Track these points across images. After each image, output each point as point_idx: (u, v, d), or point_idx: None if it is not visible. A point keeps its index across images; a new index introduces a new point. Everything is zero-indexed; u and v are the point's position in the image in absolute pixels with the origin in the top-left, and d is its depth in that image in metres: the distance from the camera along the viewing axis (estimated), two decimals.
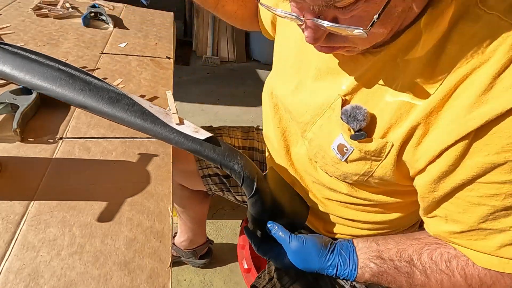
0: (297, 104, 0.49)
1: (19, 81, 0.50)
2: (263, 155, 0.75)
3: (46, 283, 0.31)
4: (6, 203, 0.37)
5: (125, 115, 0.49)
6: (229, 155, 0.46)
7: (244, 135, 0.77)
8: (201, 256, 1.12)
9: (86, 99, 0.49)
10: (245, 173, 0.45)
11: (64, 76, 0.51)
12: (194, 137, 0.47)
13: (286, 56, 0.53)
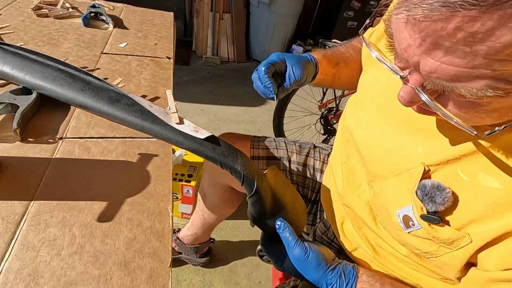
0: (372, 152, 0.45)
1: (19, 81, 0.50)
2: (317, 173, 0.73)
3: (46, 283, 0.31)
4: (6, 203, 0.37)
5: (125, 115, 0.49)
6: (229, 155, 0.46)
7: (300, 150, 0.76)
8: (202, 255, 1.12)
9: (86, 99, 0.49)
10: (245, 173, 0.45)
11: (64, 76, 0.51)
12: (194, 136, 0.47)
13: (372, 97, 0.49)
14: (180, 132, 0.47)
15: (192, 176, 1.21)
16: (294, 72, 0.53)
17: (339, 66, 0.63)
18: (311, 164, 0.74)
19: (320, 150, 0.76)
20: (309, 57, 0.57)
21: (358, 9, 2.85)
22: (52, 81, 0.50)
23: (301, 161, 0.75)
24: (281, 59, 0.53)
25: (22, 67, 0.51)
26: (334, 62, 0.63)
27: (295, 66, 0.53)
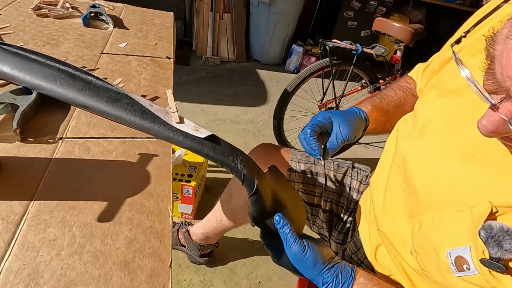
0: (429, 182, 0.41)
1: (19, 81, 0.50)
2: (353, 192, 0.72)
3: (46, 283, 0.31)
4: (6, 203, 0.37)
5: (125, 115, 0.49)
6: (230, 154, 0.46)
7: (338, 168, 0.75)
8: (203, 254, 1.12)
9: (86, 98, 0.49)
10: (245, 172, 0.45)
11: (64, 75, 0.51)
12: (194, 135, 0.47)
13: (437, 125, 0.44)
14: (180, 131, 0.47)
15: (192, 176, 1.21)
16: (341, 131, 0.52)
17: (390, 113, 0.61)
18: (348, 183, 0.73)
19: (359, 171, 0.75)
20: (357, 112, 0.56)
21: (358, 9, 2.85)
22: (52, 81, 0.50)
23: (338, 179, 0.74)
24: (327, 119, 0.53)
25: (22, 67, 0.51)
26: (384, 109, 0.61)
27: (342, 125, 0.52)
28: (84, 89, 0.50)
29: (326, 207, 0.73)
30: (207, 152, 0.46)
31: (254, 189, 0.45)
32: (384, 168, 0.56)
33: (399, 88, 0.65)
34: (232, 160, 0.46)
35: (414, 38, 1.46)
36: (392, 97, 0.64)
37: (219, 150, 0.46)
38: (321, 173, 0.74)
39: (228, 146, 0.48)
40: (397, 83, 0.67)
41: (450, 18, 3.25)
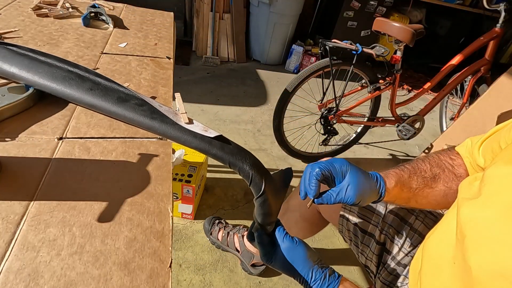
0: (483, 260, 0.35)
1: (28, 81, 0.50)
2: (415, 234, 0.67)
3: (46, 283, 0.31)
4: (6, 203, 0.37)
5: (134, 115, 0.49)
6: (238, 154, 0.46)
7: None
8: (254, 264, 1.14)
9: (95, 99, 0.50)
10: (253, 172, 0.45)
11: (73, 76, 0.51)
12: (202, 135, 0.47)
13: (500, 189, 0.39)
14: (189, 131, 0.47)
15: (192, 176, 1.21)
16: (346, 192, 0.48)
17: (417, 191, 0.55)
18: (411, 221, 0.69)
19: (428, 214, 0.68)
20: (377, 183, 0.51)
21: (358, 9, 2.85)
22: (61, 81, 0.50)
23: (400, 214, 0.70)
24: (343, 170, 0.50)
25: (30, 67, 0.51)
26: (410, 187, 0.55)
27: (352, 188, 0.48)
28: (93, 89, 0.50)
29: (381, 239, 0.69)
30: (215, 152, 0.46)
31: (261, 191, 0.45)
32: (443, 233, 0.48)
33: (437, 163, 0.58)
34: (240, 160, 0.45)
35: (414, 38, 1.46)
36: (425, 172, 0.56)
37: (227, 150, 0.46)
38: (383, 202, 0.70)
39: (236, 146, 0.47)
40: (437, 156, 0.59)
41: (450, 18, 3.26)
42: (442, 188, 0.56)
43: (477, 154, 0.54)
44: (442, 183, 0.56)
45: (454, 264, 0.41)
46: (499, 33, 1.61)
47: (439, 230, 0.51)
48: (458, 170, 0.57)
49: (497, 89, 1.40)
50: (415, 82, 3.21)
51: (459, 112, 1.96)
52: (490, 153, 0.51)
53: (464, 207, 0.42)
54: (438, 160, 0.59)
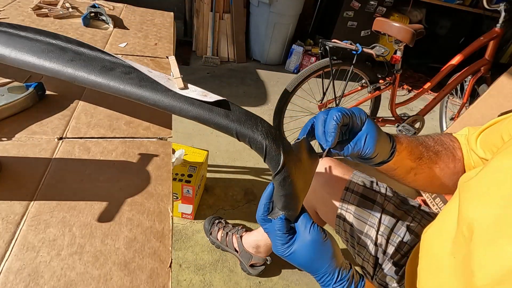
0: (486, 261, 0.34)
1: (4, 59, 0.46)
2: (411, 235, 0.67)
3: (46, 283, 0.31)
4: (6, 203, 0.37)
5: (119, 84, 0.42)
6: (247, 121, 0.37)
7: (400, 204, 0.70)
8: (253, 265, 1.14)
9: (76, 70, 0.43)
10: (267, 142, 0.36)
11: (53, 48, 0.46)
12: (201, 101, 0.39)
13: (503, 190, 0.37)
14: (185, 98, 0.40)
15: (192, 176, 1.21)
16: (366, 141, 0.42)
17: (421, 162, 0.52)
18: (407, 222, 0.68)
19: (424, 215, 0.69)
20: (389, 138, 0.47)
21: (358, 9, 2.85)
22: (40, 54, 0.45)
23: (397, 215, 0.69)
24: (361, 118, 0.43)
25: (8, 44, 0.46)
26: (416, 155, 0.52)
27: (371, 137, 0.42)
28: (74, 60, 0.44)
29: (377, 240, 0.69)
30: (218, 120, 0.37)
31: (280, 165, 0.35)
32: (442, 228, 0.47)
33: (440, 142, 0.56)
34: (250, 129, 0.36)
35: (414, 38, 1.46)
36: (430, 146, 0.54)
37: (234, 117, 0.37)
38: (380, 203, 0.71)
39: (244, 112, 0.39)
40: (439, 136, 0.58)
41: (450, 18, 3.26)
42: (442, 167, 0.54)
43: (474, 145, 0.54)
44: (443, 161, 0.55)
45: (454, 258, 0.41)
46: (499, 33, 1.61)
47: (437, 225, 0.51)
48: (457, 153, 0.56)
49: (497, 89, 1.40)
50: (415, 82, 3.21)
51: (459, 112, 1.96)
52: (490, 144, 0.51)
53: (472, 204, 0.41)
54: (440, 139, 0.57)
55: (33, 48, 0.45)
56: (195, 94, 0.40)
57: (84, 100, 0.56)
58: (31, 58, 0.45)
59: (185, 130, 1.83)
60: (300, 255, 0.39)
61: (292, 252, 0.39)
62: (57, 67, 0.44)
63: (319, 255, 0.39)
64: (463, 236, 0.40)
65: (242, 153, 1.74)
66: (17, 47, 0.45)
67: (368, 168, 0.52)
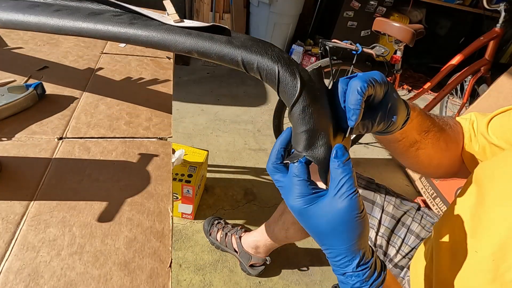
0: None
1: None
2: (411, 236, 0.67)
3: (46, 283, 0.31)
4: (6, 203, 0.37)
5: (107, 27, 0.38)
6: (254, 46, 0.32)
7: (400, 205, 0.69)
8: (252, 265, 1.14)
9: (62, 20, 0.40)
10: (281, 67, 0.30)
11: (39, 3, 0.44)
12: (199, 30, 0.35)
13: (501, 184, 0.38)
14: (180, 29, 0.35)
15: (192, 176, 1.21)
16: (389, 115, 0.36)
17: (427, 136, 0.49)
18: (407, 223, 0.68)
19: (424, 215, 0.69)
20: (405, 105, 0.41)
21: (358, 9, 2.85)
22: (22, 11, 0.42)
23: (396, 215, 0.69)
24: (385, 84, 0.35)
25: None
26: (424, 127, 0.47)
27: (394, 109, 0.36)
28: (60, 10, 0.41)
29: (377, 242, 0.69)
30: (220, 48, 0.32)
31: (298, 91, 0.30)
32: (457, 223, 0.45)
33: (443, 121, 0.53)
34: (258, 53, 0.31)
35: (414, 38, 1.46)
36: (436, 123, 0.50)
37: (238, 43, 0.32)
38: (379, 204, 0.70)
39: (249, 37, 0.33)
40: (442, 117, 0.55)
41: (450, 18, 3.26)
42: (442, 146, 0.51)
43: (485, 130, 0.51)
44: (443, 139, 0.51)
45: (476, 253, 0.39)
46: (499, 33, 1.61)
47: (450, 219, 0.48)
48: (458, 136, 0.54)
49: (497, 89, 1.40)
50: (415, 82, 3.21)
51: (459, 112, 1.96)
52: (506, 132, 0.48)
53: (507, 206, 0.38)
54: (443, 119, 0.54)
55: (18, 6, 0.42)
56: (191, 24, 0.36)
57: (84, 99, 0.56)
58: (13, 15, 0.41)
59: (185, 130, 1.83)
60: (322, 218, 0.30)
61: (312, 209, 0.30)
62: (42, 20, 0.40)
63: (347, 227, 0.29)
64: (498, 234, 0.38)
65: (242, 153, 1.74)
66: (1, 8, 0.42)
67: (368, 168, 0.52)
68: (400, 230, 0.68)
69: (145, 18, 0.38)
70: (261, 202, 1.47)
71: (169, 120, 0.55)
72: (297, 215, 0.31)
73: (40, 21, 0.41)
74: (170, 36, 0.35)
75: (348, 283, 0.31)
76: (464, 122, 0.56)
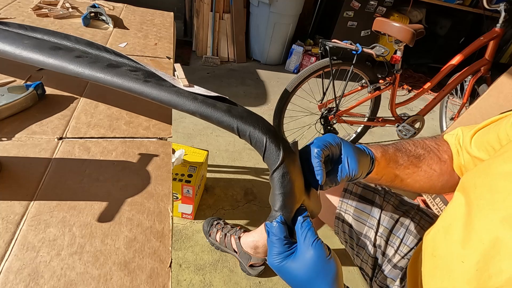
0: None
1: (9, 55, 0.47)
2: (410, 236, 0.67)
3: (46, 283, 0.31)
4: (6, 203, 0.37)
5: (123, 80, 0.43)
6: (248, 117, 0.39)
7: (399, 205, 0.70)
8: (252, 266, 1.14)
9: (81, 68, 0.45)
10: (268, 138, 0.37)
11: (61, 46, 0.48)
12: (205, 97, 0.40)
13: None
14: (188, 93, 0.41)
15: (192, 176, 1.21)
16: (349, 165, 0.43)
17: (403, 167, 0.53)
18: (406, 223, 0.68)
19: (423, 216, 0.69)
20: (366, 151, 0.47)
21: (358, 9, 2.85)
22: (47, 51, 0.46)
23: (395, 215, 0.69)
24: (337, 143, 0.44)
25: (15, 40, 0.48)
26: (396, 161, 0.52)
27: (351, 158, 0.43)
28: (81, 57, 0.46)
29: (376, 242, 0.69)
30: (220, 116, 0.38)
31: (280, 159, 0.36)
32: (448, 231, 0.46)
33: (422, 145, 0.57)
34: (251, 124, 0.38)
35: (414, 38, 1.46)
36: (409, 151, 0.55)
37: (236, 113, 0.38)
38: (378, 204, 0.71)
39: (245, 110, 0.40)
40: (421, 140, 0.59)
41: (450, 18, 3.26)
42: (427, 169, 0.54)
43: (468, 144, 0.54)
44: (427, 164, 0.55)
45: (463, 263, 0.41)
46: (499, 33, 1.61)
47: (441, 227, 0.50)
48: (443, 156, 0.57)
49: (497, 89, 1.40)
50: (415, 82, 3.21)
51: (459, 112, 1.96)
52: (485, 143, 0.51)
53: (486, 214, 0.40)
54: (422, 143, 0.58)
55: (40, 45, 0.46)
56: (198, 91, 0.42)
57: (85, 97, 0.56)
58: (37, 55, 0.46)
59: (185, 130, 1.83)
60: (296, 270, 0.34)
61: (288, 265, 0.34)
62: (63, 64, 0.45)
63: (320, 274, 0.33)
64: (482, 244, 0.39)
65: (242, 153, 1.74)
66: (23, 43, 0.47)
67: None
68: (399, 230, 0.68)
69: (158, 77, 0.44)
70: (261, 202, 1.47)
71: (169, 120, 0.55)
72: (277, 271, 0.36)
73: (60, 64, 0.45)
74: (179, 98, 0.41)
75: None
76: (450, 138, 0.59)
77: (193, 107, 0.39)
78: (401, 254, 0.67)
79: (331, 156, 0.44)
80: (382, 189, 0.74)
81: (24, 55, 0.47)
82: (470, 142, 0.54)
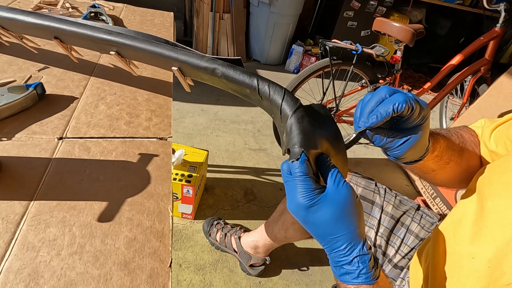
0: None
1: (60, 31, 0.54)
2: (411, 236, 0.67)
3: (46, 283, 0.31)
4: (6, 203, 0.37)
5: (153, 47, 0.51)
6: (264, 78, 0.44)
7: (399, 205, 0.70)
8: (252, 266, 1.15)
9: (123, 39, 0.51)
10: (286, 89, 0.40)
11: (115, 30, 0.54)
12: (229, 60, 0.47)
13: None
14: (214, 60, 0.47)
15: (192, 176, 1.21)
16: (402, 145, 0.37)
17: (447, 166, 0.50)
18: (407, 223, 0.68)
19: (423, 215, 0.69)
20: (428, 142, 0.42)
21: (358, 9, 2.85)
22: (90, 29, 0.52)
23: (395, 215, 0.69)
24: (423, 115, 0.36)
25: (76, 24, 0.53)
26: (444, 160, 0.48)
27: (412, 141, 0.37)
28: (122, 33, 0.53)
29: (376, 242, 0.70)
30: (239, 74, 0.44)
31: (298, 103, 0.37)
32: (458, 229, 0.46)
33: (463, 140, 0.53)
34: (270, 81, 0.42)
35: (414, 38, 1.46)
36: (455, 146, 0.50)
37: (252, 74, 0.44)
38: (378, 204, 0.71)
39: (260, 76, 0.45)
40: (460, 133, 0.54)
41: (450, 18, 3.26)
42: (464, 166, 0.51)
43: (487, 137, 0.52)
44: (465, 160, 0.51)
45: (473, 259, 0.40)
46: (499, 33, 1.61)
47: (450, 225, 0.49)
48: (477, 149, 0.53)
49: (497, 89, 1.40)
50: (415, 82, 3.21)
51: (459, 112, 1.96)
52: (505, 139, 0.49)
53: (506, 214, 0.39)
54: (461, 136, 0.53)
55: (94, 29, 0.52)
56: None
57: (84, 99, 0.56)
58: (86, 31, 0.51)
59: (185, 130, 1.83)
60: (328, 208, 0.31)
61: (320, 203, 0.31)
62: (110, 37, 0.51)
63: (351, 211, 0.32)
64: (495, 241, 0.39)
65: (242, 153, 1.74)
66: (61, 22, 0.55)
67: (368, 168, 0.52)
68: (399, 230, 0.69)
69: (182, 46, 0.51)
70: (261, 202, 1.47)
71: (169, 120, 0.55)
72: (303, 213, 0.32)
73: (107, 37, 0.51)
74: (207, 64, 0.48)
75: (354, 272, 0.33)
76: (478, 131, 0.55)
77: (216, 65, 0.46)
78: (402, 254, 0.67)
79: (403, 119, 0.36)
80: (382, 188, 0.75)
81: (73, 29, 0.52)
82: (490, 136, 0.52)
